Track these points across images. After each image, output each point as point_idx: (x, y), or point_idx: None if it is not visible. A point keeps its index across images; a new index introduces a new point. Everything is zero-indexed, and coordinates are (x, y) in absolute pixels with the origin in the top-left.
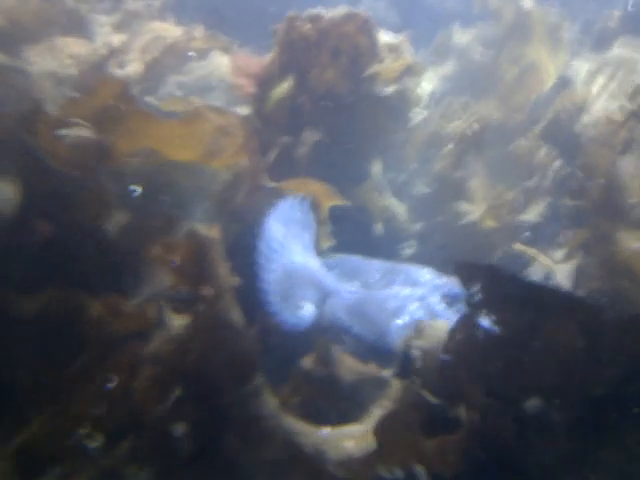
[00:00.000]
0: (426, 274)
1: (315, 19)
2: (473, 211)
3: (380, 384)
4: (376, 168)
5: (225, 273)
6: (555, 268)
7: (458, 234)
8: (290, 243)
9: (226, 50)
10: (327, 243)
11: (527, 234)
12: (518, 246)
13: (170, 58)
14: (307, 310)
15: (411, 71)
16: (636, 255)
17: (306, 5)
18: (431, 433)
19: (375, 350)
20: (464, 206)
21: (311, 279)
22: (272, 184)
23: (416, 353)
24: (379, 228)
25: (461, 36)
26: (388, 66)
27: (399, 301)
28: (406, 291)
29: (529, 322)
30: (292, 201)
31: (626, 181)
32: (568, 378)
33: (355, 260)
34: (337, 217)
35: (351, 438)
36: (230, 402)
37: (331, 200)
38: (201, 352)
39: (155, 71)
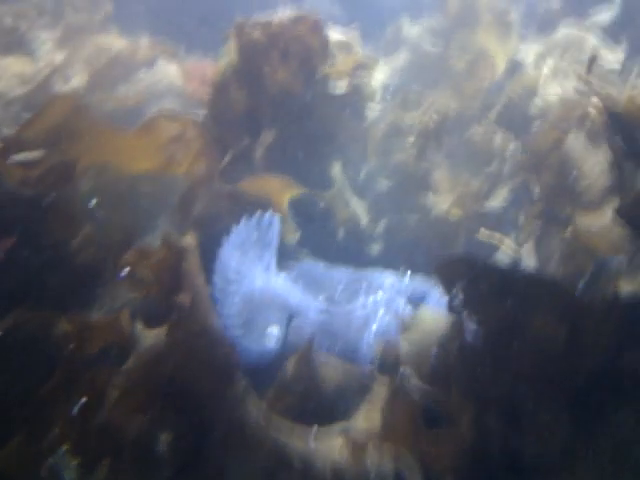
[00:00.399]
0: (389, 278)
1: (264, 24)
2: (439, 202)
3: (363, 387)
4: (336, 169)
5: (201, 281)
6: (520, 252)
7: (425, 227)
8: (248, 268)
9: (173, 57)
10: (292, 235)
11: (493, 220)
12: (484, 233)
13: (117, 69)
14: (272, 338)
15: (363, 66)
16: (595, 236)
17: (251, 8)
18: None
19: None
20: (430, 198)
21: (274, 302)
22: (229, 187)
23: (406, 347)
24: (342, 232)
25: (410, 28)
26: (340, 63)
27: (366, 311)
28: (371, 299)
29: (512, 317)
30: (247, 222)
31: (579, 163)
32: (553, 369)
33: (318, 270)
34: (301, 222)
35: (340, 437)
36: (213, 410)
37: (291, 191)
38: (180, 362)
39: (103, 82)
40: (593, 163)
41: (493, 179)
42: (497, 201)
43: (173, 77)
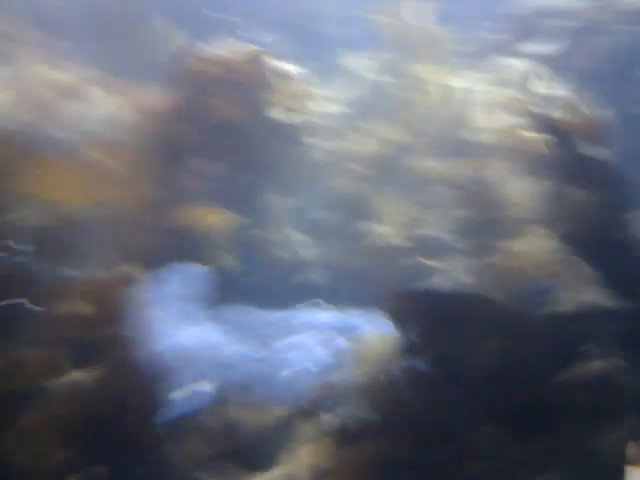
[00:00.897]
0: (321, 314)
1: (208, 56)
2: (382, 230)
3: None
4: (275, 200)
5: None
6: (455, 275)
7: (364, 255)
8: (174, 326)
9: (107, 87)
10: (230, 262)
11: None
12: (421, 260)
13: (50, 99)
14: (202, 395)
15: (306, 96)
16: (517, 259)
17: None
18: None
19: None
20: (372, 225)
21: (203, 356)
22: (166, 220)
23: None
24: (280, 262)
25: (354, 61)
26: (284, 94)
27: (299, 350)
28: (304, 337)
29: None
30: (173, 275)
31: (507, 194)
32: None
33: (249, 314)
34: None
35: None
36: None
37: (228, 223)
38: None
39: (35, 114)
40: (519, 193)
41: (431, 207)
42: (435, 228)
43: (109, 109)
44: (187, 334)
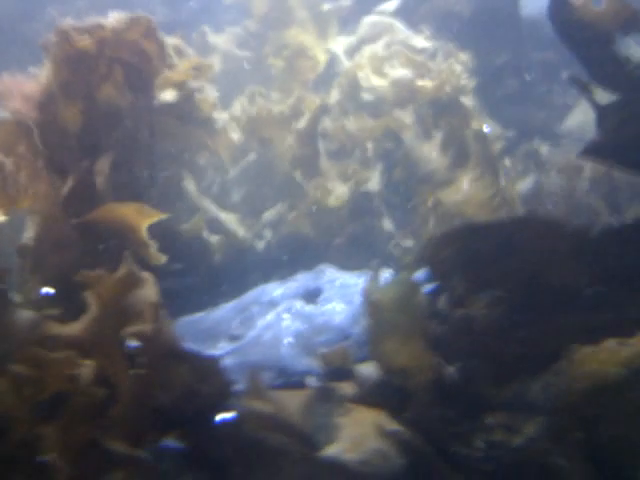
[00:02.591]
0: (276, 289)
1: (94, 29)
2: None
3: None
4: (190, 186)
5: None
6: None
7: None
8: None
9: None
10: (158, 260)
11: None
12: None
13: None
14: None
15: (200, 71)
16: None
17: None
18: None
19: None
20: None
21: None
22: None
23: None
24: (219, 257)
25: (216, 37)
26: (178, 70)
27: (271, 329)
28: (270, 316)
29: None
30: None
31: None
32: None
33: (204, 318)
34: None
35: None
36: None
37: (147, 218)
38: None
39: None
40: (431, 146)
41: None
42: (373, 184)
43: None
44: None
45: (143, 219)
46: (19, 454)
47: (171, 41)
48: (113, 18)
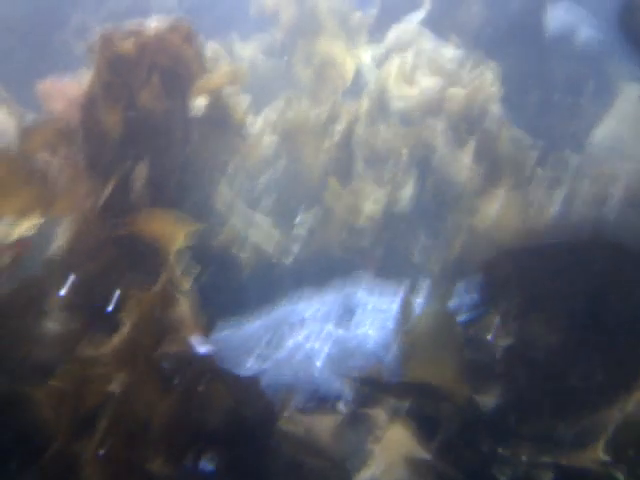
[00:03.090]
0: (306, 309)
1: (136, 34)
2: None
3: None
4: (226, 193)
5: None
6: None
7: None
8: None
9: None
10: (182, 285)
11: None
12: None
13: None
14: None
15: (235, 80)
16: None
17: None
18: None
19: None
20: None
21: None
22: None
23: None
24: (249, 269)
25: (243, 47)
26: (215, 76)
27: (302, 350)
28: (301, 337)
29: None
30: None
31: (455, 158)
32: None
33: (236, 332)
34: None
35: None
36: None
37: (185, 228)
38: None
39: None
40: (462, 160)
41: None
42: (407, 191)
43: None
44: None
45: (178, 231)
46: (56, 470)
47: (209, 46)
48: (154, 23)
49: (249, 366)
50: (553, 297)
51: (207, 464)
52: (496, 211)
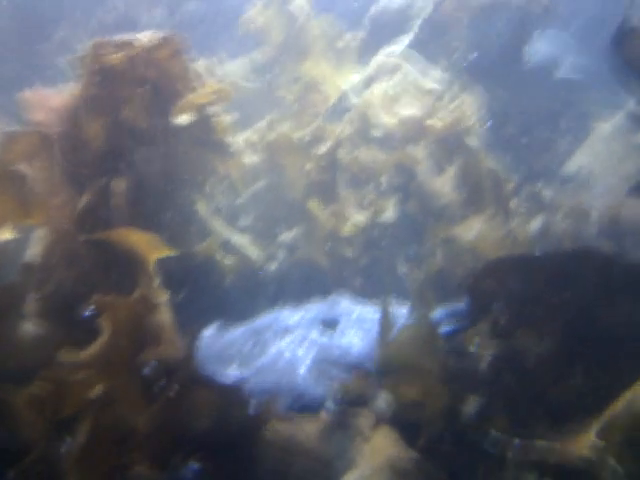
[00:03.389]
0: (292, 316)
1: (125, 46)
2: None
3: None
4: (202, 209)
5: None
6: None
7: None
8: None
9: None
10: (162, 296)
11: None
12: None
13: None
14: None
15: (220, 97)
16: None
17: None
18: None
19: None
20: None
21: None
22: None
23: None
24: (231, 278)
25: (229, 65)
26: (200, 93)
27: (285, 356)
28: (284, 343)
29: None
30: None
31: (434, 186)
32: None
33: (219, 339)
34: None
35: None
36: None
37: (157, 252)
38: None
39: None
40: (443, 182)
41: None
42: (390, 213)
43: None
44: None
45: (152, 253)
46: (38, 473)
47: (195, 65)
48: (145, 36)
49: (232, 372)
50: (542, 306)
51: (191, 472)
52: (477, 230)
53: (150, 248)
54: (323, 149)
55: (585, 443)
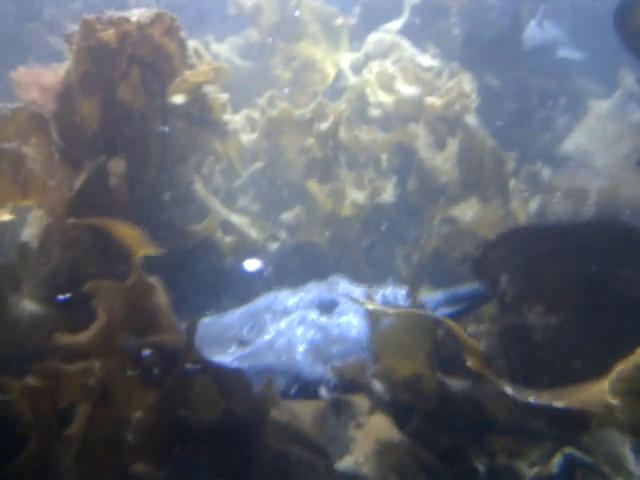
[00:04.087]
0: (290, 298)
1: (117, 22)
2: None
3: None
4: (200, 188)
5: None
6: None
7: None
8: None
9: None
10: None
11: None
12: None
13: None
14: None
15: (218, 75)
16: (468, 224)
17: None
18: None
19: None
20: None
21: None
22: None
23: None
24: (231, 260)
25: (218, 47)
26: (198, 71)
27: (284, 336)
28: (283, 324)
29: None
30: None
31: (434, 163)
32: None
33: (219, 319)
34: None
35: None
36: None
37: (144, 248)
38: None
39: None
40: (444, 158)
41: (376, 176)
42: (389, 194)
43: None
44: None
45: (139, 248)
46: (36, 468)
47: (190, 43)
48: (137, 13)
49: (231, 351)
50: (553, 276)
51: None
52: (476, 211)
53: (137, 244)
54: (325, 125)
55: (599, 393)
